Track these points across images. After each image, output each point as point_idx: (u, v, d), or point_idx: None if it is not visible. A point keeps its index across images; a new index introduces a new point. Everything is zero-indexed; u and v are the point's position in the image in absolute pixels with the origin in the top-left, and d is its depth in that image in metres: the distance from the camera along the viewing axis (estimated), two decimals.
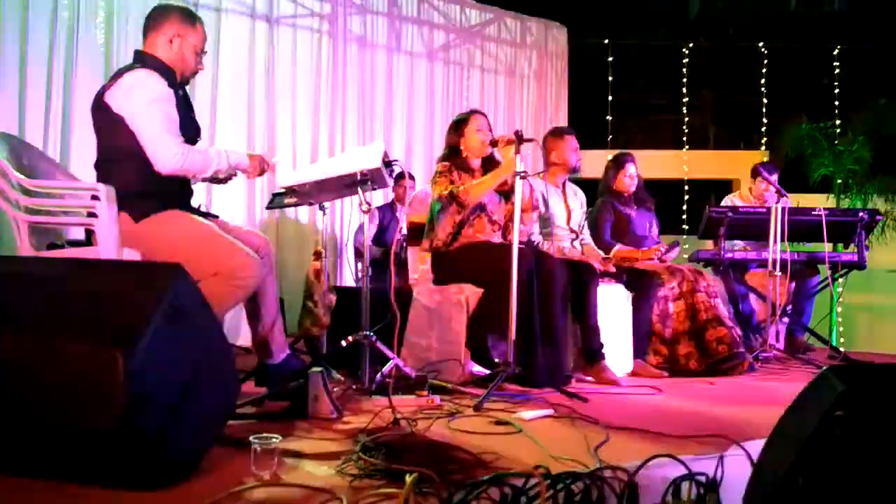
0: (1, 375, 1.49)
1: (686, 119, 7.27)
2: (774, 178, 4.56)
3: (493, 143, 3.28)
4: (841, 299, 5.04)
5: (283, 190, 3.09)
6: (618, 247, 3.99)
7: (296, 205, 4.37)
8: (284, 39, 5.36)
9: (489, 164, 3.39)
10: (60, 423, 1.44)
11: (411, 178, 4.64)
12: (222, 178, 2.76)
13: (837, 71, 7.03)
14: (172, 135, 2.46)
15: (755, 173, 4.81)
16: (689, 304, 3.72)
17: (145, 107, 2.43)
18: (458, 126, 3.48)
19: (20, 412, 1.47)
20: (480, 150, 3.36)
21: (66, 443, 1.45)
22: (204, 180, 2.75)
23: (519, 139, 2.93)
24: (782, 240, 4.05)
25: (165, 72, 2.54)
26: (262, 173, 2.77)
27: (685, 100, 7.24)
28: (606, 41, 7.08)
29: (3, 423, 1.48)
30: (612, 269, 3.70)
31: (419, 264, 3.72)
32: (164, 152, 2.43)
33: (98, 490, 1.43)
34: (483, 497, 1.14)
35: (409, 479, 1.12)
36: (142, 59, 2.57)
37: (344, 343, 2.81)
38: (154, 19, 2.61)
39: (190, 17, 2.64)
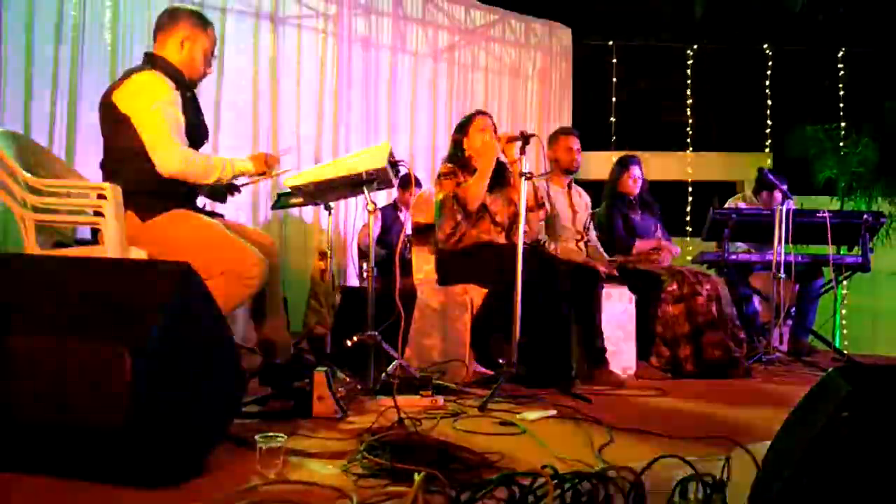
0: (9, 373, 1.50)
1: (690, 121, 7.26)
2: (784, 187, 4.48)
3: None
4: (845, 302, 5.02)
5: (288, 190, 3.09)
6: (637, 242, 3.99)
7: (301, 205, 4.40)
8: (289, 40, 5.37)
9: (495, 167, 3.38)
10: (68, 421, 1.44)
11: (418, 184, 4.67)
12: (223, 188, 2.76)
13: (842, 73, 7.02)
14: (176, 138, 2.47)
15: (765, 185, 4.72)
16: (689, 307, 3.72)
17: (151, 108, 2.44)
18: (463, 127, 3.49)
19: (29, 410, 1.48)
20: (485, 149, 3.33)
21: (74, 440, 1.45)
22: (208, 195, 2.74)
23: (524, 138, 2.91)
24: (786, 242, 4.05)
25: (174, 74, 2.55)
26: (270, 168, 2.74)
27: (689, 101, 7.23)
28: (611, 42, 7.07)
29: (11, 421, 1.49)
30: (616, 273, 3.72)
31: (423, 264, 3.73)
32: (167, 155, 2.43)
33: (105, 488, 1.44)
34: (490, 496, 1.14)
35: (417, 477, 1.12)
36: (151, 61, 2.58)
37: (349, 343, 2.81)
38: (166, 21, 2.62)
39: (202, 21, 2.65)
